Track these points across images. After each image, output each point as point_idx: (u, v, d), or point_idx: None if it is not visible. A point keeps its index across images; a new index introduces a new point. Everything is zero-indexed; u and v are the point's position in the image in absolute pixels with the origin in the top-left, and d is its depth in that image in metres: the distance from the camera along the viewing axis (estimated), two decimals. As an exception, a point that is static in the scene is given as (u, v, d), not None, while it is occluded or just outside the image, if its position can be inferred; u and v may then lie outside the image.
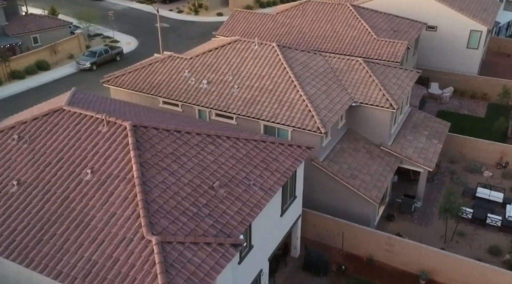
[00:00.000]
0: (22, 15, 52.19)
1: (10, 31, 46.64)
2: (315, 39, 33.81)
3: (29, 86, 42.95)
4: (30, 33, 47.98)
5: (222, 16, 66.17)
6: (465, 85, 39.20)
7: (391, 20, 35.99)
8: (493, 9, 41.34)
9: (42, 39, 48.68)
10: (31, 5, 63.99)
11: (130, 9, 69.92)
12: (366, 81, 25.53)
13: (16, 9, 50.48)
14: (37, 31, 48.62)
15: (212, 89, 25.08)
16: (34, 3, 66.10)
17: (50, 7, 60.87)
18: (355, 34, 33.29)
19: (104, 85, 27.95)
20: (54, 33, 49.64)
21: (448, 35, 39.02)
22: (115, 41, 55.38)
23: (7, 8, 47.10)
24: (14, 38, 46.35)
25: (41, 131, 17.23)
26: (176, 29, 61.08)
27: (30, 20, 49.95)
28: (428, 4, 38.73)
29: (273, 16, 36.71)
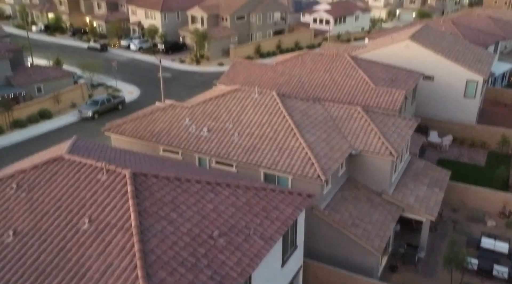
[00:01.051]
0: (27, 66, 53.41)
1: (14, 81, 47.57)
2: (314, 88, 34.37)
3: (30, 135, 43.23)
4: (34, 83, 48.94)
5: (223, 66, 67.69)
6: (464, 133, 39.48)
7: (389, 70, 36.75)
8: (488, 60, 42.31)
9: (46, 89, 49.55)
10: (36, 56, 65.70)
11: (133, 60, 71.64)
12: (366, 130, 25.70)
13: (22, 60, 51.74)
14: (41, 81, 49.62)
15: (213, 137, 25.22)
16: (39, 54, 67.87)
17: (55, 58, 62.37)
18: (353, 84, 33.88)
19: (106, 134, 28.13)
20: (57, 83, 50.63)
21: (445, 85, 39.73)
22: (118, 90, 56.34)
23: (13, 59, 48.30)
24: (18, 88, 47.20)
25: (40, 180, 17.14)
26: (178, 78, 62.32)
27: (34, 71, 51.10)
28: (424, 55, 39.68)
29: (273, 66, 37.54)
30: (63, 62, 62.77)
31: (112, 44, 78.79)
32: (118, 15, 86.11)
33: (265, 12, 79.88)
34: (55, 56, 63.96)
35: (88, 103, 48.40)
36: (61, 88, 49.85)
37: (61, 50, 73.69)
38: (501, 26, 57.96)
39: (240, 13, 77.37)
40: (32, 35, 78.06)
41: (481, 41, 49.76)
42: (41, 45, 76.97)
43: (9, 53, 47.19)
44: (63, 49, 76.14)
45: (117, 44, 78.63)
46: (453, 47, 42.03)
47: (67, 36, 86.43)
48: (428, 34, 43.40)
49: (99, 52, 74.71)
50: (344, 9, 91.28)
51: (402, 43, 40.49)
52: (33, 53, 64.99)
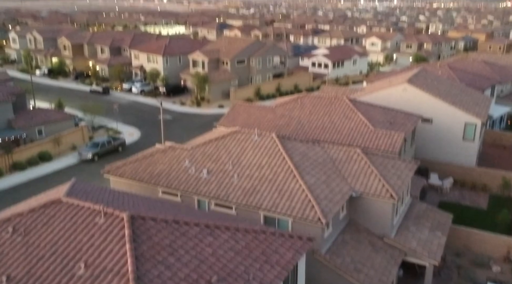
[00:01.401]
0: (29, 109, 53.95)
1: (16, 124, 47.89)
2: (313, 130, 34.56)
3: (29, 178, 43.04)
4: (35, 125, 49.26)
5: (223, 108, 68.40)
6: (464, 176, 39.33)
7: (387, 113, 37.09)
8: (485, 103, 42.78)
9: (47, 131, 49.81)
10: (39, 99, 66.50)
11: (134, 102, 72.48)
12: (366, 172, 25.63)
13: (25, 103, 52.29)
14: (42, 123, 49.96)
15: (212, 178, 25.10)
16: (42, 97, 68.72)
17: (57, 101, 63.14)
18: (352, 126, 34.10)
19: (105, 176, 28.02)
20: (58, 125, 50.95)
21: (443, 127, 39.96)
22: (118, 132, 56.65)
23: (16, 102, 48.82)
24: (19, 131, 47.46)
25: (37, 223, 16.89)
26: (178, 120, 62.82)
27: (36, 113, 51.58)
28: (422, 98, 40.14)
29: (272, 109, 37.89)
30: (65, 105, 63.46)
31: (114, 88, 79.96)
32: (120, 59, 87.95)
33: (265, 56, 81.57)
34: (57, 99, 64.74)
35: (88, 146, 48.51)
36: (62, 130, 50.14)
37: (63, 93, 74.69)
38: (496, 70, 58.96)
39: (240, 57, 79.01)
40: (35, 79, 79.39)
41: (478, 85, 50.45)
42: (44, 88, 78.08)
43: (11, 97, 47.75)
44: (66, 92, 77.21)
45: (119, 88, 79.81)
46: (451, 91, 42.59)
47: (70, 79, 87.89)
48: (425, 78, 44.10)
49: (101, 95, 75.70)
50: (342, 54, 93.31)
51: (400, 86, 41.05)
52: (36, 96, 65.81)
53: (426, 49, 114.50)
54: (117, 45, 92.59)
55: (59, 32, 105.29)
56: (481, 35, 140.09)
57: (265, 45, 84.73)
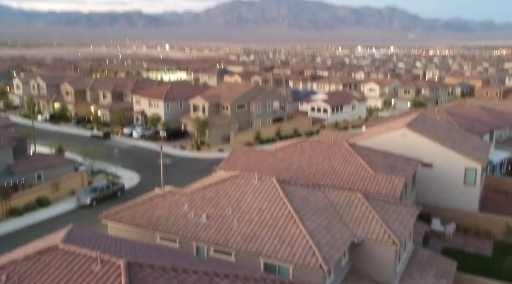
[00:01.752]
0: (29, 154, 54.02)
1: (15, 169, 47.78)
2: (313, 174, 34.45)
3: (27, 224, 42.42)
4: (34, 170, 49.14)
5: (223, 152, 68.54)
6: (467, 221, 38.82)
7: (387, 157, 37.13)
8: (485, 148, 42.90)
9: (46, 176, 49.64)
10: (40, 144, 66.73)
11: (135, 147, 72.74)
12: (367, 217, 25.32)
13: (25, 148, 52.43)
14: (42, 168, 49.87)
15: (211, 224, 24.75)
16: (43, 142, 68.90)
17: (57, 146, 63.36)
18: (353, 170, 34.02)
19: (103, 221, 27.67)
20: (58, 170, 50.85)
21: (444, 172, 39.88)
22: (118, 177, 56.47)
23: (17, 147, 48.93)
24: (18, 176, 47.28)
25: (32, 271, 16.49)
26: (178, 165, 62.78)
27: (36, 158, 51.62)
28: (422, 142, 40.33)
29: (272, 153, 37.96)
30: (66, 150, 63.65)
31: (115, 132, 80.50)
32: (122, 105, 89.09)
33: (265, 101, 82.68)
34: (58, 144, 65.00)
35: (87, 191, 48.23)
36: (61, 175, 49.98)
37: (64, 138, 75.07)
38: (494, 116, 59.59)
39: (241, 102, 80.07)
40: (37, 124, 79.99)
41: (476, 130, 50.80)
42: (45, 133, 78.54)
43: (12, 142, 47.96)
44: (67, 137, 77.64)
45: (120, 132, 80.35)
46: (450, 135, 42.84)
47: (71, 124, 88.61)
48: (424, 123, 44.48)
49: (102, 140, 76.06)
50: (341, 99, 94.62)
51: (399, 131, 41.35)
52: (37, 141, 66.10)
53: (424, 95, 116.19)
54: (119, 91, 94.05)
55: (62, 78, 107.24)
56: (477, 82, 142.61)
57: (265, 90, 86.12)
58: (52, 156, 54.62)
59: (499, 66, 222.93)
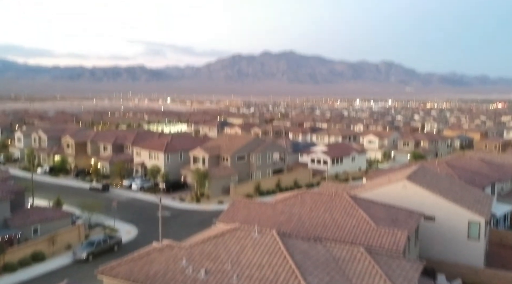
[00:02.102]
0: (27, 207, 53.35)
1: (12, 223, 47.00)
2: (314, 227, 33.87)
3: (20, 280, 41.08)
4: (31, 224, 48.32)
5: (223, 204, 67.86)
6: (473, 278, 37.60)
7: (388, 210, 36.65)
8: (487, 201, 42.40)
9: (43, 230, 48.78)
10: (38, 197, 66.15)
11: (134, 199, 72.07)
12: (370, 272, 24.61)
13: (23, 201, 51.94)
14: (39, 222, 49.06)
15: (210, 279, 24.01)
16: (42, 195, 68.31)
17: (55, 199, 62.80)
18: (354, 223, 33.47)
19: (98, 277, 26.87)
20: (55, 223, 50.05)
21: (447, 225, 39.17)
22: (115, 230, 55.54)
23: (14, 200, 48.43)
24: (15, 230, 46.39)
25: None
26: (177, 217, 61.93)
27: (33, 212, 50.92)
28: (423, 195, 39.93)
29: (272, 205, 37.52)
30: (64, 203, 62.97)
31: (114, 184, 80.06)
32: (122, 157, 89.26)
33: (265, 152, 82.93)
34: (56, 197, 64.36)
35: (83, 245, 47.23)
36: (58, 229, 49.08)
37: (63, 191, 74.54)
38: (494, 168, 59.42)
39: (241, 153, 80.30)
40: (36, 177, 79.68)
41: (477, 183, 50.49)
42: (44, 186, 78.04)
43: (10, 195, 47.56)
44: (65, 190, 77.12)
45: (119, 184, 79.92)
46: (451, 188, 42.52)
47: (70, 177, 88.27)
48: (425, 175, 44.30)
49: (100, 192, 75.49)
50: (341, 151, 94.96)
51: (400, 183, 41.09)
52: (36, 194, 65.57)
53: (423, 147, 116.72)
54: (120, 143, 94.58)
55: (63, 131, 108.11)
56: (476, 134, 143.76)
57: (264, 142, 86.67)
58: (50, 209, 53.97)
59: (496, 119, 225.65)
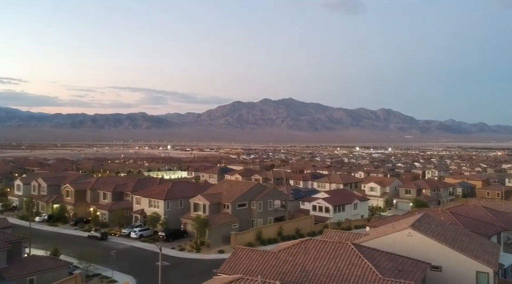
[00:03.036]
0: (24, 257, 52.17)
1: (7, 274, 45.61)
2: (319, 277, 32.90)
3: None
4: (27, 275, 46.88)
5: (223, 253, 66.51)
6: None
7: (394, 259, 35.77)
8: (494, 251, 41.43)
9: (39, 281, 47.30)
10: (35, 246, 64.91)
11: (132, 248, 70.68)
12: (379, 326, 23.63)
13: (20, 251, 50.79)
14: (35, 272, 47.67)
15: None
16: (38, 244, 67.09)
17: (53, 248, 61.60)
18: (360, 273, 32.56)
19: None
20: (52, 274, 48.57)
21: (454, 276, 38.02)
22: (113, 281, 54.05)
23: (11, 250, 47.38)
24: (10, 281, 45.01)
25: None
26: (177, 267, 60.47)
27: (30, 262, 49.58)
28: (428, 244, 39.05)
29: (275, 254, 36.63)
30: (61, 252, 61.70)
31: (113, 233, 78.76)
32: (122, 204, 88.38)
33: (266, 200, 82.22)
34: (54, 246, 63.18)
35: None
36: (55, 279, 47.59)
37: (61, 240, 73.31)
38: (499, 217, 58.39)
39: (242, 200, 79.59)
40: (34, 225, 78.64)
41: (483, 232, 49.50)
42: (42, 235, 76.83)
43: (7, 245, 46.62)
44: (63, 238, 75.87)
45: (118, 233, 78.61)
46: (457, 237, 41.66)
47: (68, 225, 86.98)
48: (429, 223, 43.57)
49: (98, 241, 74.17)
50: (343, 198, 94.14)
51: (404, 231, 40.34)
52: (33, 243, 64.43)
53: (425, 195, 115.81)
54: (120, 191, 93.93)
55: (63, 178, 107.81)
56: (478, 182, 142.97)
57: (266, 188, 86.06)
58: (47, 259, 52.69)
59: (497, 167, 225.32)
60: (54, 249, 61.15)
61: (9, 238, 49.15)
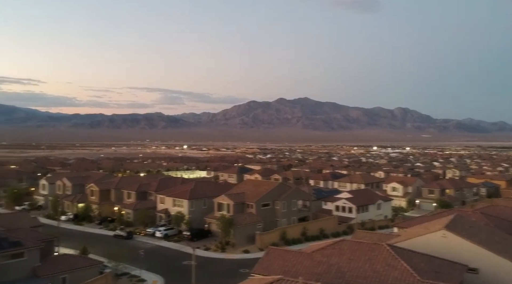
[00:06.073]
0: (55, 255, 52.90)
1: (41, 272, 46.41)
2: (355, 279, 32.64)
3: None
4: (60, 273, 47.60)
5: (248, 253, 66.60)
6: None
7: (430, 260, 35.33)
8: (531, 251, 40.62)
9: (71, 279, 47.96)
10: (62, 245, 65.74)
11: (158, 247, 71.13)
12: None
13: (52, 249, 51.60)
14: (68, 271, 48.35)
15: None
16: (65, 243, 67.94)
17: (81, 247, 62.31)
18: (397, 275, 32.20)
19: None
20: (83, 272, 49.22)
21: (492, 279, 37.12)
22: (142, 280, 54.48)
23: (44, 248, 48.11)
24: (44, 280, 45.68)
25: None
26: (203, 267, 60.45)
27: (61, 260, 50.31)
28: (463, 245, 38.39)
29: (309, 254, 36.45)
30: (89, 252, 62.36)
31: (138, 232, 79.40)
32: (146, 204, 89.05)
33: (290, 199, 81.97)
34: (81, 245, 63.91)
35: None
36: (86, 278, 48.22)
37: (87, 239, 74.13)
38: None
39: (265, 200, 79.50)
40: (60, 224, 79.58)
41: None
42: (67, 233, 77.63)
43: (40, 244, 47.35)
44: (90, 237, 76.75)
45: (143, 232, 79.19)
46: (492, 238, 40.95)
47: (93, 224, 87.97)
48: (462, 224, 42.91)
49: (124, 240, 74.85)
50: (366, 198, 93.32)
51: (438, 232, 39.76)
52: (61, 242, 65.21)
53: (449, 195, 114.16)
54: (143, 190, 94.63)
55: (87, 178, 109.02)
56: (501, 182, 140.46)
57: (289, 188, 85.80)
58: (78, 258, 53.35)
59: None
60: (83, 248, 61.86)
61: (42, 236, 49.91)
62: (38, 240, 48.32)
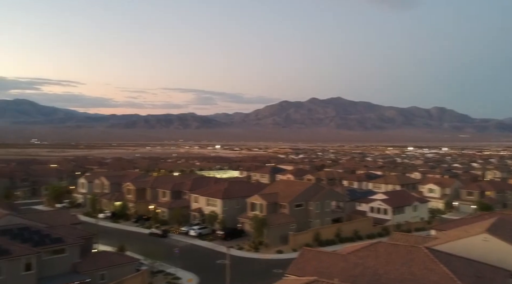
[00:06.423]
0: (94, 252, 54.37)
1: (81, 268, 47.79)
2: (391, 282, 32.05)
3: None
4: (99, 270, 48.88)
5: (282, 253, 66.47)
6: None
7: (471, 265, 34.28)
8: None
9: (109, 276, 49.17)
10: (100, 242, 67.46)
11: (191, 245, 71.99)
12: None
13: (91, 246, 53.02)
14: (106, 268, 49.59)
15: None
16: (103, 240, 69.64)
17: (119, 245, 63.73)
18: (436, 279, 31.39)
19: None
20: (121, 269, 50.35)
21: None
22: (177, 278, 55.26)
23: (83, 245, 49.50)
24: (84, 276, 47.08)
25: None
26: (236, 266, 60.56)
27: (101, 257, 51.69)
28: (506, 250, 37.11)
29: (344, 256, 36.08)
30: (126, 249, 63.73)
31: (172, 231, 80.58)
32: (180, 203, 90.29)
33: (323, 200, 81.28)
34: (118, 242, 65.40)
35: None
36: (123, 275, 49.30)
37: (124, 236, 75.83)
38: None
39: (298, 201, 79.14)
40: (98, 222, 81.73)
41: None
42: (106, 231, 79.76)
43: (80, 240, 48.74)
44: (126, 235, 78.44)
45: (177, 230, 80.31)
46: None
47: (130, 222, 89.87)
48: (505, 227, 41.46)
49: (160, 238, 76.12)
50: (402, 199, 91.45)
51: (479, 236, 38.53)
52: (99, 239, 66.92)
53: (489, 197, 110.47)
54: (178, 189, 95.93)
55: (123, 177, 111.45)
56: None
57: (322, 189, 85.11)
58: (116, 255, 54.65)
59: None
60: (121, 245, 63.26)
61: (82, 234, 51.34)
62: (78, 237, 49.76)
